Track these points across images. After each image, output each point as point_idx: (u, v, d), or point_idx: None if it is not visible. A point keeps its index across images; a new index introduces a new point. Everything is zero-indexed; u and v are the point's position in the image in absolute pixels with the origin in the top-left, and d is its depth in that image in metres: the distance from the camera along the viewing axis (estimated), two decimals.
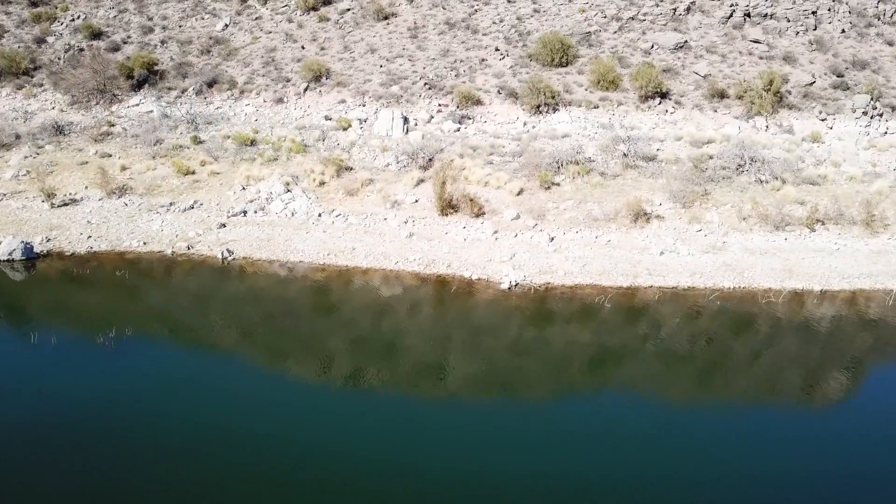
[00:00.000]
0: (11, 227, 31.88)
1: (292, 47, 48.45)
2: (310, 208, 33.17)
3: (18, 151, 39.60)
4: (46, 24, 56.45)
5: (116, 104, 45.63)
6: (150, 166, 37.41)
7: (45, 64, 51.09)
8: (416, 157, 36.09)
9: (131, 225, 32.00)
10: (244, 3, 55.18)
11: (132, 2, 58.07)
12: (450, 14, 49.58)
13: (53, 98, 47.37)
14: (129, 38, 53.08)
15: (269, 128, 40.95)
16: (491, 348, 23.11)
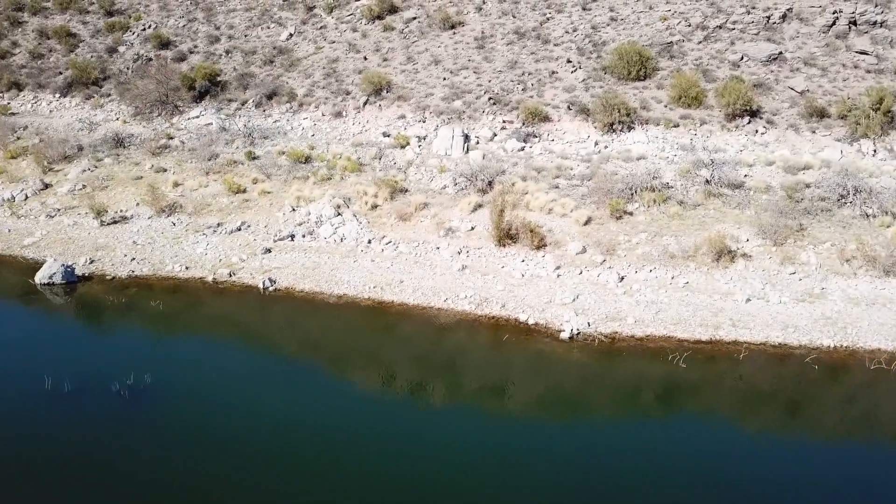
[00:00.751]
0: (60, 246, 31.29)
1: (354, 58, 46.79)
2: (359, 234, 31.14)
3: (78, 164, 39.40)
4: (119, 34, 56.97)
5: (177, 116, 45.11)
6: (202, 183, 36.34)
7: (114, 74, 51.37)
8: (475, 180, 33.53)
9: (176, 247, 30.79)
10: (310, 12, 54.09)
11: (201, 10, 58.03)
12: (520, 23, 46.78)
13: (118, 109, 47.41)
14: (196, 48, 52.81)
15: (325, 144, 39.27)
16: (543, 420, 20.26)
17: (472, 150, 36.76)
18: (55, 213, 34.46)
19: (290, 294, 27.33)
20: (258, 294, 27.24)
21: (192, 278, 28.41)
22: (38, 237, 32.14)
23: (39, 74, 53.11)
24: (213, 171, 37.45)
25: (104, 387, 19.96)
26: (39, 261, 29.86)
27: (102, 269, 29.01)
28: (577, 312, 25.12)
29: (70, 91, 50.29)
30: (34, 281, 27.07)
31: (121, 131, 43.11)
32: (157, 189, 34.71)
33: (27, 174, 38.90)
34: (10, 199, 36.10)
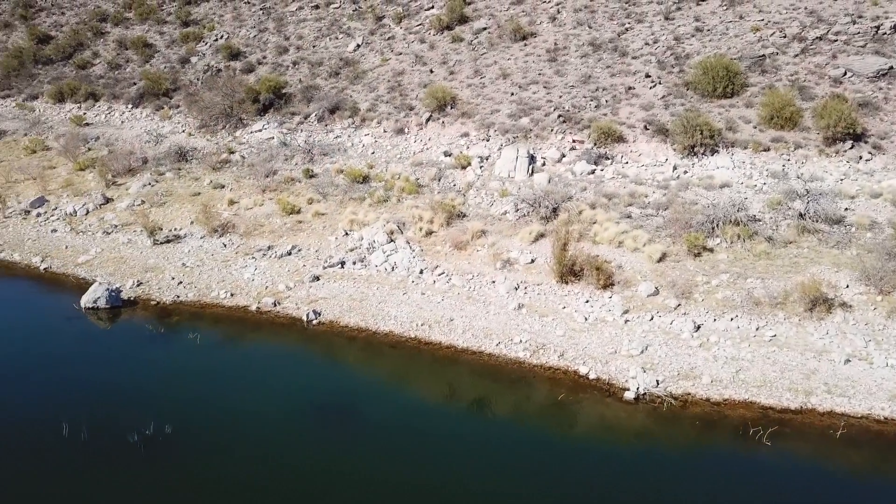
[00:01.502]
0: (111, 265, 30.89)
1: (420, 71, 45.08)
2: (411, 263, 29.25)
3: (140, 178, 39.29)
4: (192, 44, 57.47)
5: (241, 129, 44.62)
6: (257, 201, 35.39)
7: (184, 85, 51.57)
8: (538, 206, 31.06)
9: (223, 272, 29.79)
10: (379, 22, 52.84)
11: (273, 20, 57.82)
12: (596, 33, 43.89)
13: (185, 121, 47.41)
14: (265, 59, 52.47)
15: (384, 163, 37.68)
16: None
17: (538, 172, 34.29)
18: (112, 230, 34.20)
19: (333, 328, 25.70)
20: (300, 328, 25.75)
21: (236, 306, 27.24)
22: (92, 255, 31.86)
23: (115, 85, 54.06)
24: (269, 189, 36.48)
25: (121, 435, 18.79)
26: (90, 281, 29.49)
27: (148, 293, 28.26)
28: (644, 367, 22.33)
29: (142, 102, 50.83)
30: (80, 304, 26.52)
31: (184, 145, 42.94)
32: (210, 208, 33.93)
33: (91, 188, 39.06)
34: (72, 214, 36.20)
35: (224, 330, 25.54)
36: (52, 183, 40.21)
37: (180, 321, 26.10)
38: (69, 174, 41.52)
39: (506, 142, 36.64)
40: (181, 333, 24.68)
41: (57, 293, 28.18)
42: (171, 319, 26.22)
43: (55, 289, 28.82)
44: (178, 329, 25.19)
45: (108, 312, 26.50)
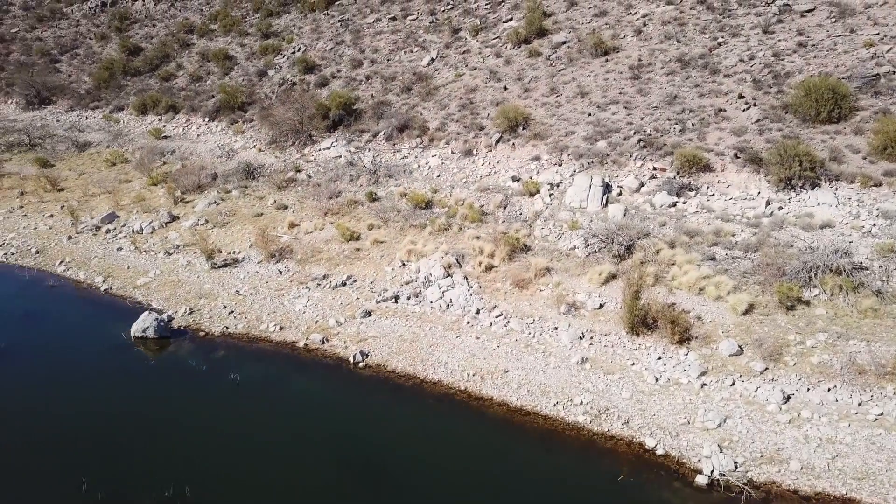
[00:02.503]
0: (168, 289, 30.51)
1: (494, 87, 43.07)
2: (468, 301, 27.29)
3: (207, 196, 39.16)
4: (271, 57, 57.65)
5: (309, 146, 43.97)
6: (317, 225, 34.38)
7: (259, 99, 51.58)
8: (612, 242, 28.45)
9: (275, 302, 28.79)
10: (455, 35, 51.20)
11: (350, 33, 57.28)
12: (685, 49, 40.57)
13: (257, 136, 47.27)
14: (339, 72, 51.84)
15: (448, 187, 35.91)
16: None
17: (613, 203, 31.61)
18: (173, 251, 33.98)
19: (380, 372, 24.09)
20: (346, 370, 24.29)
21: (283, 342, 26.10)
22: (151, 277, 31.64)
23: (195, 97, 54.81)
24: (331, 212, 35.43)
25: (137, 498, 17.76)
26: (145, 305, 29.25)
27: (199, 323, 27.57)
28: (721, 445, 19.50)
29: (218, 115, 51.17)
30: (129, 333, 26.08)
31: (253, 161, 42.68)
32: (268, 232, 33.15)
33: (161, 204, 39.23)
34: (138, 231, 36.33)
35: (267, 369, 24.37)
36: (125, 198, 40.69)
37: (225, 357, 25.17)
38: (142, 189, 41.99)
39: (579, 167, 34.11)
40: (223, 372, 23.69)
41: (111, 317, 27.90)
42: (216, 354, 25.34)
43: (110, 312, 28.59)
44: (221, 366, 24.23)
45: (156, 343, 25.93)
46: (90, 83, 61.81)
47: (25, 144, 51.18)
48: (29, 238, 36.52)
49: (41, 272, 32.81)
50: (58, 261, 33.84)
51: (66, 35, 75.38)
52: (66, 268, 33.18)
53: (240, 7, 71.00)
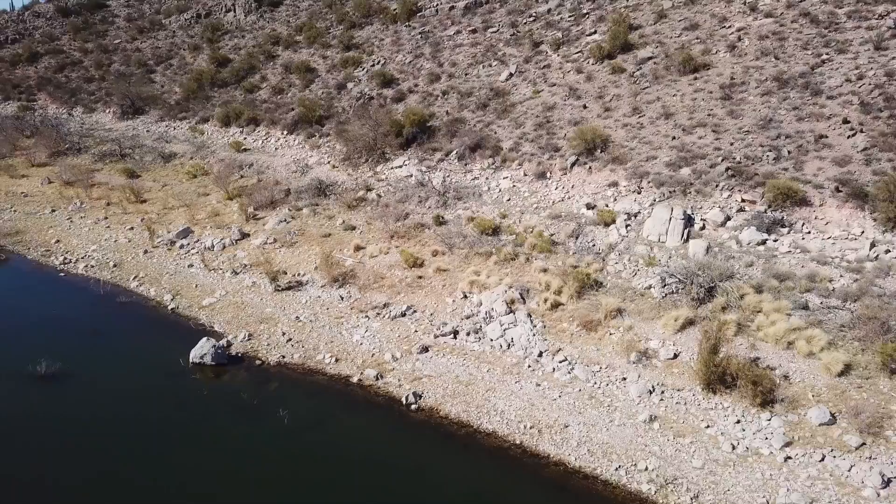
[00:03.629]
0: (231, 312, 30.50)
1: (573, 106, 41.18)
2: (530, 342, 25.74)
3: (278, 214, 39.25)
4: (351, 70, 57.77)
5: (382, 164, 43.44)
6: (382, 249, 33.66)
7: (336, 113, 51.62)
8: (691, 283, 26.19)
9: (334, 331, 28.18)
10: (535, 49, 49.55)
11: (429, 45, 56.62)
12: (783, 66, 37.37)
13: (332, 152, 47.19)
14: (416, 87, 51.21)
15: (518, 212, 34.39)
16: None
17: (695, 238, 29.23)
18: (240, 270, 34.07)
19: (432, 417, 22.93)
20: (398, 412, 23.26)
21: (338, 376, 25.39)
22: (216, 297, 31.77)
23: (275, 110, 55.52)
24: (397, 235, 34.65)
25: None
26: (207, 328, 29.31)
27: (256, 350, 27.30)
28: None
29: (296, 129, 51.53)
30: (187, 359, 26.05)
31: (326, 178, 42.54)
32: (332, 256, 32.68)
33: (234, 220, 39.61)
34: (209, 248, 36.72)
35: (318, 406, 23.68)
36: (201, 212, 41.40)
37: (278, 390, 24.68)
38: (218, 203, 42.63)
39: (659, 196, 31.85)
40: (273, 408, 23.14)
41: (173, 340, 27.98)
42: (270, 387, 24.89)
43: (174, 334, 28.74)
44: (272, 401, 23.70)
45: (213, 370, 25.78)
46: (180, 94, 63.90)
47: (117, 154, 53.20)
48: (109, 251, 37.57)
49: (115, 287, 33.53)
50: (132, 275, 34.56)
51: (163, 46, 78.57)
52: (139, 283, 33.82)
53: (324, 18, 71.87)
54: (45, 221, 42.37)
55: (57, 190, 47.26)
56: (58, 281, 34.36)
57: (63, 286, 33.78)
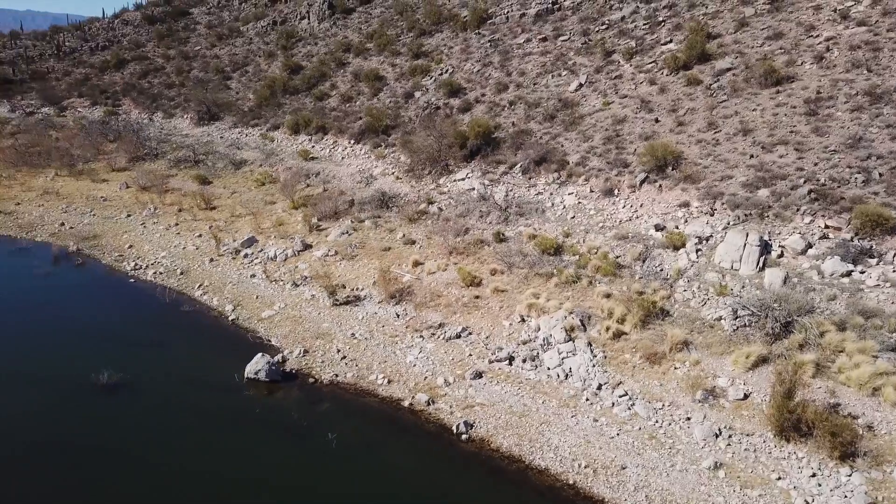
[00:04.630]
0: (288, 325, 30.58)
1: (644, 119, 39.56)
2: (589, 373, 24.60)
3: (340, 225, 39.31)
4: (419, 78, 57.63)
5: (445, 176, 42.95)
6: (440, 266, 33.12)
7: (402, 122, 51.51)
8: (765, 316, 24.45)
9: (388, 350, 27.81)
10: (607, 58, 48.00)
11: (499, 54, 55.85)
12: (877, 79, 34.70)
13: (396, 162, 47.05)
14: (483, 97, 50.54)
15: (582, 231, 33.17)
16: None
17: (771, 266, 27.34)
18: (301, 282, 34.18)
19: (482, 449, 22.14)
20: (447, 441, 22.60)
21: (389, 398, 24.96)
22: (275, 310, 31.94)
23: (344, 118, 55.93)
24: (456, 251, 34.04)
25: None
26: (265, 341, 29.45)
27: (310, 367, 27.19)
28: None
29: (363, 138, 51.71)
30: (242, 374, 26.16)
31: (389, 190, 42.39)
32: (391, 270, 32.38)
33: (297, 230, 39.92)
34: (272, 258, 37.07)
35: (366, 430, 23.26)
36: (266, 221, 41.94)
37: (328, 411, 24.42)
38: (283, 212, 43.12)
39: (734, 220, 30.03)
40: (322, 429, 22.89)
41: (231, 352, 28.17)
42: (320, 407, 24.67)
43: (232, 347, 28.96)
44: (322, 423, 23.46)
45: (266, 387, 25.78)
46: (253, 101, 65.34)
47: (191, 160, 54.69)
48: (177, 258, 38.46)
49: (180, 295, 34.20)
50: (197, 284, 35.20)
51: (239, 53, 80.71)
52: (203, 292, 34.39)
53: (395, 25, 72.09)
54: (121, 226, 43.82)
55: (133, 195, 48.90)
56: (127, 287, 35.33)
57: (132, 292, 34.69)
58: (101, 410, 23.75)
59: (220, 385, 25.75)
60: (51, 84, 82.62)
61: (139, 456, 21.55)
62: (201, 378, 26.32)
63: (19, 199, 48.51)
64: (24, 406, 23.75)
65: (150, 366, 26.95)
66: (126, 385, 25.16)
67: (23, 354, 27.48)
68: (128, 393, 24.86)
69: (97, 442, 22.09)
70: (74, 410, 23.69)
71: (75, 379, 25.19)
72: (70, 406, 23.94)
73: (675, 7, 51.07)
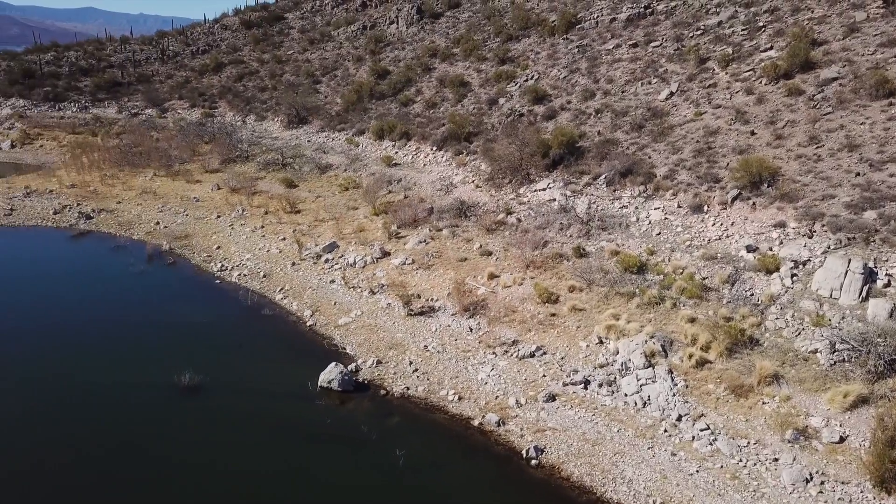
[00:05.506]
0: (363, 334, 30.79)
1: (739, 132, 37.54)
2: (669, 403, 23.42)
3: (418, 234, 39.35)
4: (504, 84, 57.15)
5: (525, 185, 42.25)
6: (516, 279, 32.52)
7: (485, 129, 51.13)
8: (868, 352, 22.55)
9: (459, 365, 27.49)
10: (701, 65, 45.97)
11: (586, 60, 54.60)
12: None
13: (477, 171, 46.73)
14: (568, 104, 49.49)
15: (668, 249, 31.76)
16: None
17: (876, 297, 25.22)
18: (377, 290, 34.37)
19: (552, 476, 21.44)
20: (516, 466, 22.02)
21: (458, 416, 24.62)
22: (352, 317, 32.24)
23: (427, 124, 56.10)
24: (533, 265, 33.35)
25: None
26: (340, 349, 29.75)
27: (383, 378, 27.22)
28: None
29: (445, 145, 51.66)
30: (316, 383, 26.46)
31: (468, 199, 42.11)
32: (466, 282, 32.07)
33: (377, 237, 40.26)
34: (351, 265, 37.50)
35: (435, 449, 23.01)
36: (348, 227, 42.52)
37: (398, 425, 24.34)
38: (364, 218, 43.62)
39: (835, 244, 27.94)
40: (390, 445, 22.78)
41: (306, 359, 28.62)
42: (390, 421, 24.61)
43: (307, 353, 29.41)
44: (391, 438, 23.38)
45: (338, 397, 25.96)
46: (340, 105, 66.62)
47: (279, 163, 56.28)
48: (261, 261, 39.55)
49: (262, 298, 35.09)
50: (278, 287, 36.05)
51: (329, 57, 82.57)
52: (284, 296, 35.15)
53: (482, 30, 71.80)
54: (211, 227, 45.52)
55: (224, 196, 50.75)
56: (212, 288, 36.58)
57: (216, 294, 35.88)
58: (179, 413, 24.53)
59: (293, 393, 26.13)
60: (155, 86, 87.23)
61: (209, 461, 22.09)
62: (276, 384, 26.79)
63: (121, 198, 51.28)
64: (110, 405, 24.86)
65: (229, 369, 27.70)
66: (205, 387, 25.92)
67: (117, 352, 28.80)
68: (206, 396, 25.60)
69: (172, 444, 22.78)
70: (155, 411, 24.57)
71: (160, 378, 26.16)
72: (151, 406, 24.86)
73: (778, 11, 48.30)
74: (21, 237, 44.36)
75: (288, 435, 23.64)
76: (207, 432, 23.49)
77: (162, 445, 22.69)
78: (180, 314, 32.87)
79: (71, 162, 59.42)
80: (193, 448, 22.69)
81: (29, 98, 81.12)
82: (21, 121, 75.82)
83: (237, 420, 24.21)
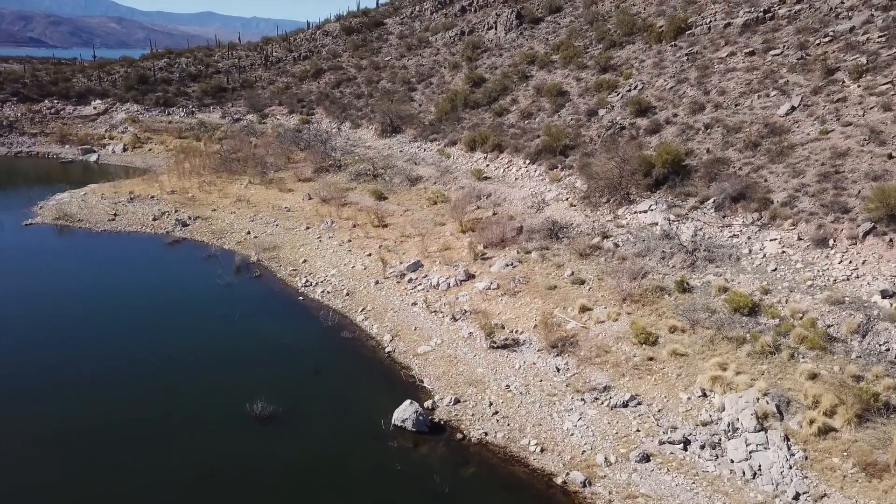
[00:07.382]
0: (442, 366, 29.16)
1: (873, 154, 33.20)
2: (784, 476, 20.30)
3: (505, 256, 37.34)
4: (604, 94, 54.17)
5: (624, 206, 39.33)
6: (611, 314, 29.90)
7: (582, 143, 48.43)
8: None
9: (544, 410, 25.29)
10: (828, 77, 41.37)
11: (696, 69, 50.82)
12: None
13: (572, 187, 44.17)
14: (674, 118, 45.98)
15: (786, 289, 28.20)
16: None
17: None
18: (459, 317, 32.66)
19: None
20: None
21: (540, 471, 22.46)
22: (432, 346, 30.69)
23: (521, 136, 53.93)
24: (630, 298, 30.59)
25: None
26: (417, 381, 28.28)
27: (460, 420, 25.41)
28: None
29: (539, 158, 49.38)
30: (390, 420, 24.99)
31: (560, 218, 39.68)
32: (554, 314, 29.77)
33: (462, 257, 38.58)
34: (434, 286, 36.00)
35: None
36: (434, 244, 41.09)
37: (473, 476, 22.46)
38: (451, 235, 42.05)
39: None
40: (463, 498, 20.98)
41: (383, 392, 27.31)
42: (465, 471, 22.74)
43: (384, 385, 28.09)
44: (466, 490, 21.56)
45: (412, 438, 24.36)
46: (434, 114, 65.46)
47: (370, 174, 55.68)
48: (345, 277, 38.76)
49: (342, 318, 34.18)
50: (360, 307, 35.05)
51: (426, 63, 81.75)
52: (365, 317, 34.10)
53: (584, 36, 68.77)
54: (299, 238, 45.32)
55: (314, 207, 50.61)
56: (295, 304, 36.05)
57: (298, 311, 35.29)
58: (247, 445, 23.64)
59: (366, 430, 24.77)
60: (257, 92, 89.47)
61: (274, 499, 21.02)
62: (349, 418, 25.55)
63: (216, 205, 52.20)
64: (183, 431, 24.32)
65: (302, 399, 26.73)
66: (276, 418, 24.99)
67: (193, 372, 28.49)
68: (276, 427, 24.65)
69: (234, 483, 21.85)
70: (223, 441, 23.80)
71: (232, 405, 25.42)
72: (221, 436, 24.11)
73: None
74: (120, 242, 45.69)
75: (355, 480, 22.21)
76: (273, 470, 22.43)
77: (221, 484, 21.83)
78: (260, 332, 32.37)
79: (173, 167, 61.35)
80: (256, 484, 21.68)
81: (142, 103, 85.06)
82: (133, 125, 79.56)
83: (304, 460, 23.07)
